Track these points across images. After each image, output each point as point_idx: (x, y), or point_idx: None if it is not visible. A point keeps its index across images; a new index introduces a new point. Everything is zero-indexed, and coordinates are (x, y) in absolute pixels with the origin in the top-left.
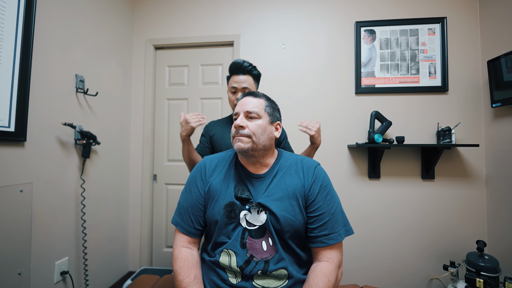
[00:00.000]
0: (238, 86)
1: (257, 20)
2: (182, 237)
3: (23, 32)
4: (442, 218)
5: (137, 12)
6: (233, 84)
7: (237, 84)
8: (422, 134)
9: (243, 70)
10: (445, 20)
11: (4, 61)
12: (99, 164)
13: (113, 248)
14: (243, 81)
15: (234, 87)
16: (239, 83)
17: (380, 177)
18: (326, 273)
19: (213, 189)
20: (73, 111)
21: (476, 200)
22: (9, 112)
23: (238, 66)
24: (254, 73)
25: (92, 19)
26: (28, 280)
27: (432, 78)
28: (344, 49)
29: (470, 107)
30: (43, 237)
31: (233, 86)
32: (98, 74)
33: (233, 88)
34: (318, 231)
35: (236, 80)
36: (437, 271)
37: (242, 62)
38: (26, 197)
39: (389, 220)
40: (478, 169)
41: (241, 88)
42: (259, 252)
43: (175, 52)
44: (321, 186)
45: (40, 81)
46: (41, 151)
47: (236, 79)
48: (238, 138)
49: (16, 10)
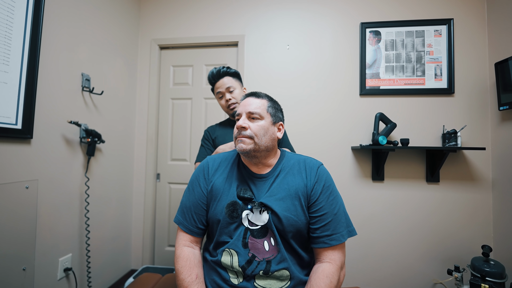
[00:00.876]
0: (222, 89)
1: (262, 21)
2: (184, 236)
3: (31, 32)
4: (446, 222)
5: (143, 12)
6: (217, 90)
7: (220, 88)
8: (427, 136)
9: (219, 75)
10: (452, 21)
11: (13, 60)
12: (104, 162)
13: (116, 246)
14: (224, 83)
15: (219, 92)
16: (222, 86)
17: (384, 179)
18: (328, 275)
19: (215, 189)
20: (79, 109)
21: (481, 204)
22: (17, 109)
23: (214, 75)
24: (231, 72)
25: (99, 18)
26: (32, 276)
27: (438, 80)
28: (348, 50)
29: (476, 110)
30: (47, 233)
31: (218, 92)
32: (103, 73)
33: (218, 93)
34: (321, 232)
35: (217, 86)
36: (441, 275)
37: (214, 69)
38: (31, 194)
39: (392, 223)
40: (484, 173)
41: (226, 89)
42: (261, 252)
43: (180, 52)
44: (324, 186)
45: (47, 80)
46: (47, 148)
47: (217, 85)
48: (240, 139)
49: (25, 9)
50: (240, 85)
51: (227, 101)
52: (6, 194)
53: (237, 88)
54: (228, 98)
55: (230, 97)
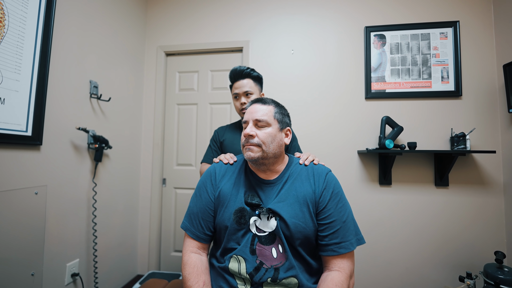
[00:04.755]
0: (240, 92)
1: (266, 26)
2: (191, 243)
3: (41, 41)
4: (457, 227)
5: (149, 19)
6: (234, 90)
7: (238, 90)
8: (435, 140)
9: (241, 75)
10: (458, 23)
11: (24, 69)
12: (111, 167)
13: (122, 251)
14: (243, 85)
15: (236, 93)
16: (240, 88)
17: (392, 184)
18: (338, 283)
19: (223, 195)
20: (87, 116)
21: (493, 209)
22: (27, 117)
23: (236, 72)
24: (253, 75)
25: (107, 26)
26: (40, 281)
27: (445, 83)
28: (353, 54)
29: (485, 113)
30: (55, 239)
31: (235, 93)
32: (111, 80)
33: (235, 94)
34: (329, 239)
35: (236, 86)
36: (453, 282)
37: (239, 67)
38: (40, 200)
39: (401, 228)
40: (495, 177)
41: (243, 93)
42: (268, 259)
43: (185, 58)
44: (332, 193)
45: (56, 88)
46: (55, 154)
47: (236, 85)
48: (248, 148)
49: (36, 20)
50: (259, 90)
51: (242, 105)
52: (16, 200)
53: (255, 94)
54: (243, 102)
55: (245, 101)
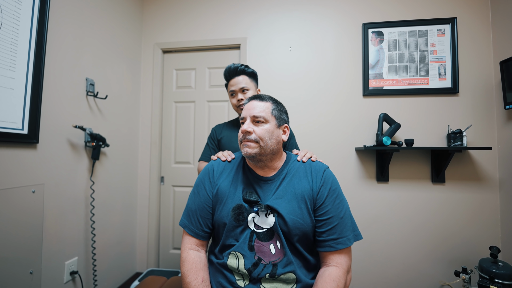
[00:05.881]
0: (236, 88)
1: (264, 23)
2: (190, 240)
3: (36, 38)
4: (453, 223)
5: (146, 16)
6: (230, 88)
7: (234, 87)
8: (432, 136)
9: (236, 72)
10: (455, 20)
11: (19, 66)
12: (108, 166)
13: (121, 249)
14: (239, 82)
15: (232, 91)
16: (236, 85)
17: (389, 180)
18: (335, 278)
19: (221, 192)
20: (84, 114)
21: (489, 205)
22: (23, 115)
23: (231, 70)
24: (248, 72)
25: (103, 23)
26: (39, 279)
27: (442, 80)
28: (351, 51)
29: (482, 109)
30: (53, 237)
31: (231, 90)
32: (107, 78)
33: (231, 91)
34: (327, 235)
35: (232, 83)
36: (448, 277)
37: (233, 65)
38: (38, 198)
39: (398, 224)
40: (491, 173)
41: (239, 89)
42: (267, 255)
43: (183, 55)
44: (330, 190)
45: (52, 85)
46: (52, 153)
47: (232, 82)
48: (246, 144)
49: (30, 16)
50: (255, 86)
51: (239, 101)
52: (13, 199)
53: (251, 89)
54: (240, 98)
55: (242, 98)
